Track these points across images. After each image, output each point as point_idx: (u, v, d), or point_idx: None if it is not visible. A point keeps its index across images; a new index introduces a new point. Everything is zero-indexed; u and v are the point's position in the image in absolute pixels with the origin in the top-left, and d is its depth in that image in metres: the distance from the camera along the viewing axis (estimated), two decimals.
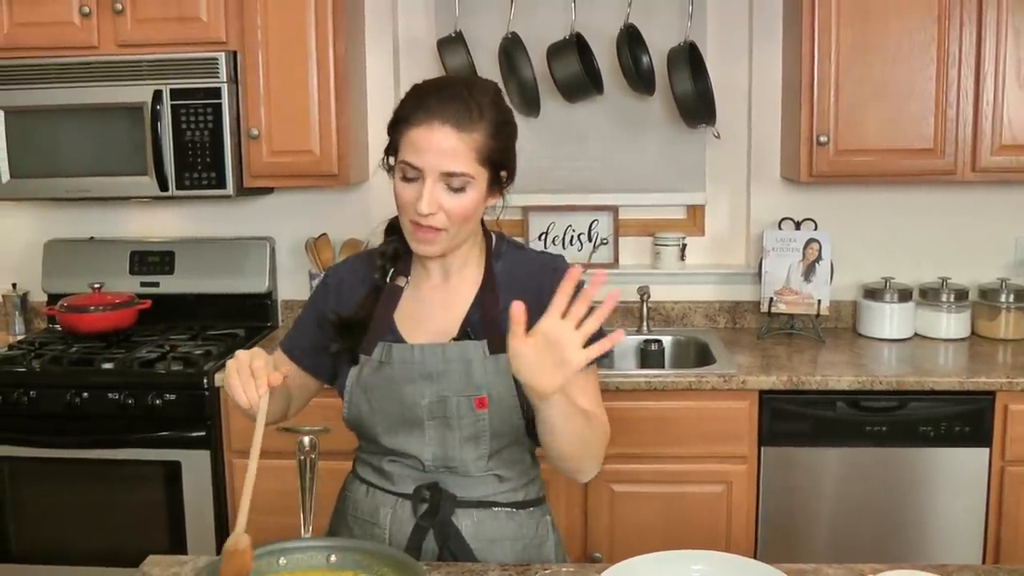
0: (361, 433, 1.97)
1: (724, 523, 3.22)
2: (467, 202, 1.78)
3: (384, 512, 1.92)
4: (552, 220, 3.91)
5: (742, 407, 3.18)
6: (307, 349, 2.02)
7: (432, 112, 1.75)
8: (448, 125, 1.74)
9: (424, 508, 1.89)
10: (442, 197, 1.77)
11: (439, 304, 1.92)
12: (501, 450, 1.89)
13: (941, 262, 3.80)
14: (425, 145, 1.75)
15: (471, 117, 1.76)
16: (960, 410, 3.14)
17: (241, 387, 1.68)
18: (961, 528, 3.18)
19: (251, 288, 3.92)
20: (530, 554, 1.95)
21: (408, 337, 1.90)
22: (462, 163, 1.75)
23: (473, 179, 1.77)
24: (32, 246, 4.09)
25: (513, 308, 1.54)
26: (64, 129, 3.55)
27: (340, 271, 2.05)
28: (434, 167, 1.75)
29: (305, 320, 2.05)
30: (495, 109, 1.81)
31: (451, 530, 1.88)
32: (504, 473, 1.92)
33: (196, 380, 3.29)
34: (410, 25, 3.92)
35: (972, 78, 3.34)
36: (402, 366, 1.87)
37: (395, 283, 1.95)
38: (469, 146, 1.75)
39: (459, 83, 1.83)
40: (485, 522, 1.91)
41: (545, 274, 1.88)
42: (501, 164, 1.83)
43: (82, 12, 3.51)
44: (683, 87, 3.56)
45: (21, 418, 3.34)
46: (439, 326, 1.90)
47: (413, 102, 1.80)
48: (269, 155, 3.54)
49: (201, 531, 3.34)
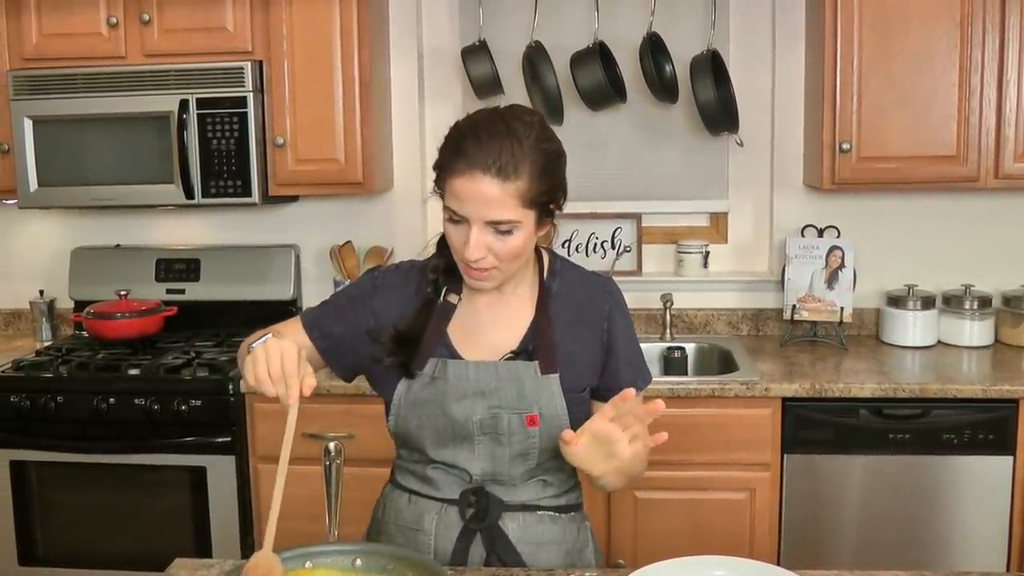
0: (406, 444, 1.96)
1: (747, 530, 3.22)
2: (515, 243, 1.76)
3: (429, 518, 1.92)
4: (575, 228, 3.91)
5: (765, 414, 3.17)
6: (328, 335, 1.98)
7: (472, 161, 1.70)
8: (489, 175, 1.69)
9: (471, 512, 1.90)
10: (489, 241, 1.75)
11: (494, 320, 1.92)
12: (546, 461, 1.91)
13: (964, 269, 3.79)
14: (468, 196, 1.71)
15: (514, 163, 1.70)
16: (983, 418, 3.13)
17: (270, 382, 1.64)
18: (985, 536, 3.17)
19: (276, 295, 3.94)
20: (572, 559, 1.97)
21: (463, 353, 1.90)
22: (508, 211, 1.72)
23: (520, 223, 1.74)
24: (59, 253, 4.13)
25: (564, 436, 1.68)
26: (91, 138, 3.59)
27: (391, 276, 2.01)
28: (479, 217, 1.72)
29: (339, 308, 2.01)
30: (538, 150, 1.74)
31: (498, 533, 1.89)
32: (548, 479, 1.94)
33: (221, 386, 3.32)
34: (434, 34, 3.94)
35: (995, 84, 3.34)
36: (455, 382, 1.86)
37: (448, 299, 1.93)
38: (512, 194, 1.71)
39: (498, 123, 1.75)
40: (531, 525, 1.92)
41: (599, 295, 1.96)
42: (548, 201, 1.79)
43: (110, 23, 3.55)
44: (706, 95, 3.57)
45: (48, 423, 3.37)
46: (494, 342, 1.90)
47: (452, 148, 1.75)
48: (294, 163, 3.57)
49: (226, 536, 3.36)
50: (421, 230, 3.92)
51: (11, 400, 3.37)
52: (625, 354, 1.95)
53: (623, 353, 1.95)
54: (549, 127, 1.83)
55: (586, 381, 1.92)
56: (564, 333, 1.91)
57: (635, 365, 1.97)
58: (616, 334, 1.94)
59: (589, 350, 1.92)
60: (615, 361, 1.94)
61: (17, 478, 3.42)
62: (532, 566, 1.90)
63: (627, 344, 1.96)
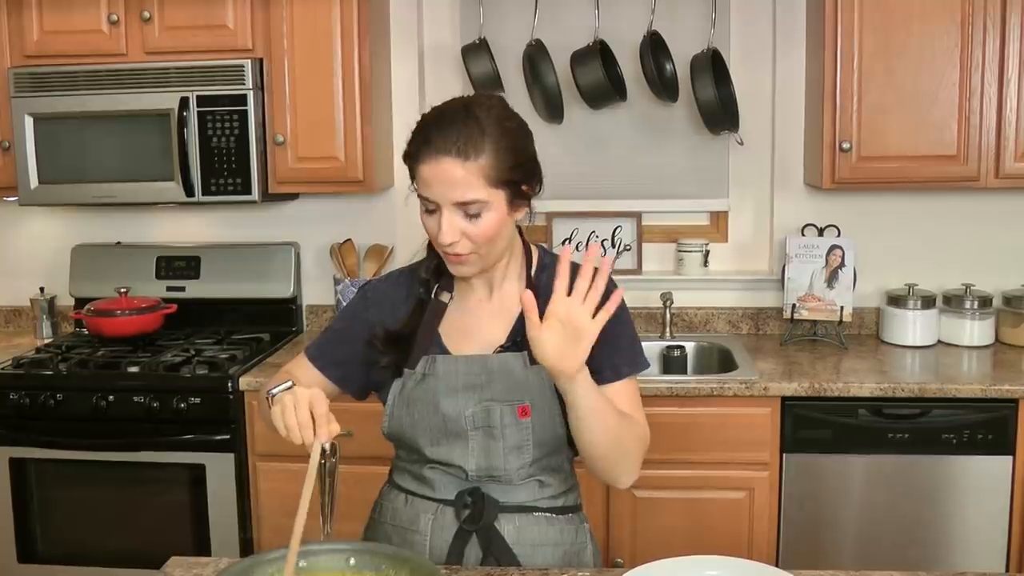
0: (402, 444, 1.97)
1: (746, 530, 3.22)
2: (487, 226, 1.78)
3: (425, 519, 1.92)
4: (575, 226, 3.91)
5: (764, 414, 3.17)
6: (336, 361, 2.01)
7: (434, 145, 1.75)
8: (450, 156, 1.74)
9: (467, 513, 1.90)
10: (461, 224, 1.78)
11: (485, 316, 1.94)
12: (542, 458, 1.90)
13: (965, 269, 3.78)
14: (433, 179, 1.76)
15: (473, 142, 1.74)
16: (983, 418, 3.12)
17: (298, 428, 1.65)
18: (984, 537, 3.16)
19: (276, 293, 3.95)
20: (570, 560, 1.96)
21: (454, 349, 1.92)
22: (472, 191, 1.75)
23: (488, 202, 1.77)
24: (60, 251, 4.13)
25: (523, 297, 1.63)
26: (92, 135, 3.59)
27: (381, 286, 2.05)
28: (446, 199, 1.76)
29: (338, 331, 2.05)
30: (498, 127, 1.78)
31: (494, 535, 1.89)
32: (545, 479, 1.93)
33: (221, 384, 3.32)
34: (435, 32, 3.94)
35: (995, 84, 3.33)
36: (445, 378, 1.88)
37: (439, 299, 1.96)
38: (475, 173, 1.74)
39: (458, 108, 1.80)
40: (527, 527, 1.92)
41: None
42: (518, 180, 1.81)
43: (110, 20, 3.55)
44: (706, 94, 3.57)
45: (48, 420, 3.37)
46: (485, 338, 1.92)
47: (419, 138, 1.80)
48: (295, 161, 3.56)
49: (225, 533, 3.36)
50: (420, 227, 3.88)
51: (11, 397, 3.37)
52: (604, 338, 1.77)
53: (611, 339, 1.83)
54: (510, 107, 1.87)
55: None
56: None
57: (615, 351, 1.90)
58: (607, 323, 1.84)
59: None
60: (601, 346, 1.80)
61: (17, 475, 3.42)
62: (527, 567, 1.89)
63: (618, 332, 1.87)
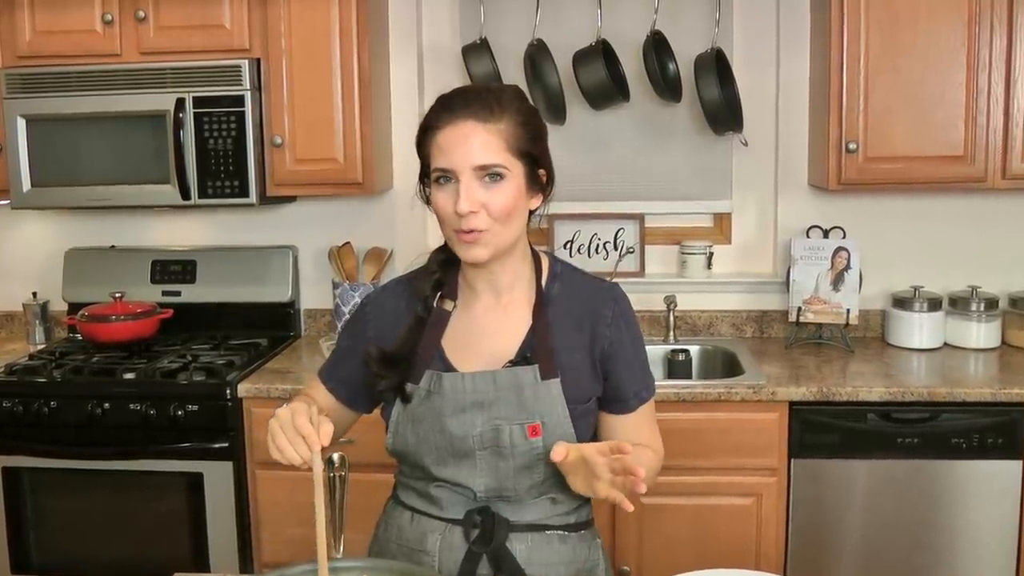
0: (406, 461, 1.91)
1: (754, 536, 3.18)
2: (506, 194, 1.74)
3: (433, 539, 1.86)
4: (578, 228, 3.87)
5: (772, 418, 3.14)
6: (343, 380, 1.98)
7: (455, 111, 1.74)
8: (472, 119, 1.73)
9: (476, 534, 1.84)
10: (480, 193, 1.73)
11: (492, 328, 1.87)
12: (555, 475, 1.82)
13: (971, 270, 3.76)
14: (453, 143, 1.73)
15: (494, 109, 1.74)
16: (992, 422, 3.10)
17: (291, 448, 1.63)
18: (993, 542, 3.14)
19: (274, 297, 3.90)
20: None
21: (458, 365, 1.85)
22: (493, 154, 1.73)
23: (508, 170, 1.74)
24: (53, 255, 4.08)
25: (556, 448, 1.68)
26: (86, 137, 3.54)
27: (379, 299, 1.99)
28: (466, 163, 1.72)
29: (343, 350, 2.01)
30: (519, 101, 1.80)
31: (505, 554, 1.82)
32: (558, 496, 1.87)
33: (219, 391, 3.27)
34: (435, 32, 3.90)
35: (1002, 84, 3.30)
36: (452, 396, 1.81)
37: (442, 307, 1.89)
38: (497, 136, 1.73)
39: (481, 87, 1.85)
40: (540, 546, 1.86)
41: (602, 301, 1.88)
42: (535, 158, 1.79)
43: (105, 20, 3.50)
44: (710, 94, 3.53)
45: (42, 428, 3.32)
46: (492, 351, 1.85)
47: (437, 108, 1.79)
48: (293, 163, 3.52)
49: (223, 542, 3.31)
50: (421, 230, 3.87)
51: (3, 405, 3.32)
52: (630, 364, 1.87)
53: (628, 363, 1.88)
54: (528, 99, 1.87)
55: (589, 391, 1.86)
56: (563, 339, 1.84)
57: (639, 376, 1.91)
58: (620, 342, 1.87)
59: (590, 358, 1.86)
60: (618, 370, 1.87)
61: (10, 484, 3.37)
62: None
63: (633, 353, 1.90)
